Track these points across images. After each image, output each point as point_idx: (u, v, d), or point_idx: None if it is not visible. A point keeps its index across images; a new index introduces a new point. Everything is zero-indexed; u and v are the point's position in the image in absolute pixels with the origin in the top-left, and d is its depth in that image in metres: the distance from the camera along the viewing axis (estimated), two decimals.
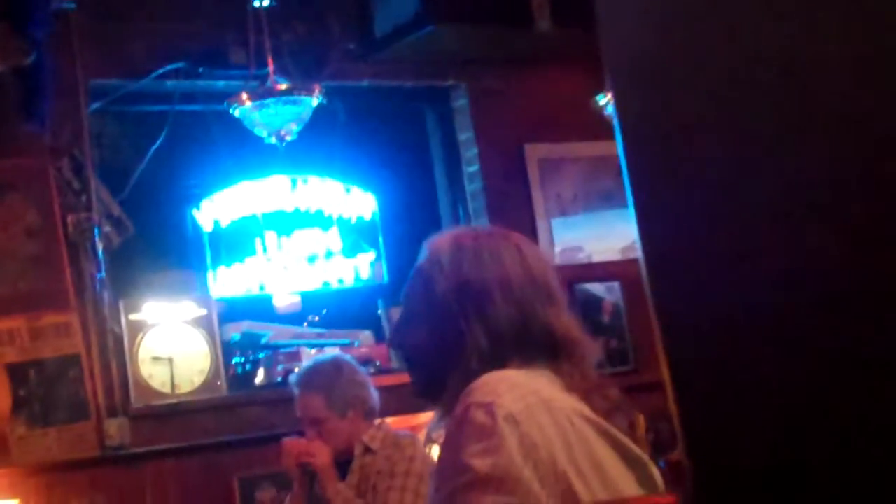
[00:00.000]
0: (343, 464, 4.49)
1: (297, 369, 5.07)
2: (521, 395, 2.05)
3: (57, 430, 5.51)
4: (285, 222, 6.26)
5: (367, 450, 4.49)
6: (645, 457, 2.16)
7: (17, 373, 5.52)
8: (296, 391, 4.59)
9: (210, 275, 6.15)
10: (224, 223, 6.17)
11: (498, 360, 2.18)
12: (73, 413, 5.56)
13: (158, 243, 6.26)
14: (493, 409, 2.00)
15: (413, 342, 2.39)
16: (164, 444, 5.69)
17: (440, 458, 2.14)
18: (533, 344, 2.22)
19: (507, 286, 2.25)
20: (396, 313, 5.83)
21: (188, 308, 6.01)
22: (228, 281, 6.15)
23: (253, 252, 6.20)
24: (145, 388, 5.80)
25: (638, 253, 0.93)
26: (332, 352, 5.59)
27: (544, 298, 2.27)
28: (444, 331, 2.27)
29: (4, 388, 5.48)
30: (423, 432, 4.43)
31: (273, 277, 6.21)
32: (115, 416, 5.63)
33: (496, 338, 2.21)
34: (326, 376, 4.56)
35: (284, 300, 6.34)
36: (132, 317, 5.87)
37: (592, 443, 2.07)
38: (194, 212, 6.20)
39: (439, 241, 2.38)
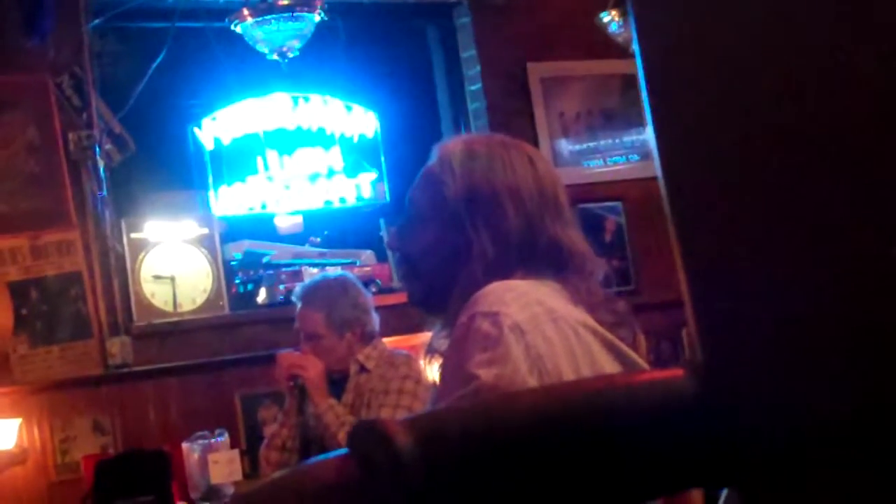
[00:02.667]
0: (338, 382, 4.50)
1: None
2: (527, 304, 2.03)
3: (59, 348, 5.53)
4: (287, 141, 6.24)
5: (363, 368, 4.50)
6: (648, 368, 2.15)
7: (18, 291, 5.52)
8: (298, 304, 4.59)
9: (211, 193, 6.13)
10: (225, 141, 6.15)
11: (502, 271, 2.15)
12: (76, 331, 5.57)
13: (160, 162, 6.23)
14: (499, 318, 1.99)
15: (416, 247, 2.35)
16: (166, 362, 5.71)
17: (444, 367, 2.12)
18: (539, 256, 2.19)
19: (518, 196, 2.22)
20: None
21: (190, 227, 6.00)
22: (230, 199, 6.13)
23: (254, 171, 6.18)
24: (147, 307, 5.81)
25: (656, 169, 0.90)
26: (334, 271, 5.59)
27: (553, 212, 2.24)
28: (451, 237, 2.24)
29: (6, 307, 5.49)
30: (422, 350, 4.43)
31: (274, 196, 6.19)
32: (117, 335, 5.64)
33: (503, 247, 2.18)
34: (330, 294, 4.55)
35: (286, 220, 6.32)
36: (134, 235, 5.86)
37: (596, 354, 2.06)
38: (195, 130, 6.17)
39: (451, 146, 2.34)
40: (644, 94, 0.92)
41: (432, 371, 2.30)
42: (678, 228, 0.86)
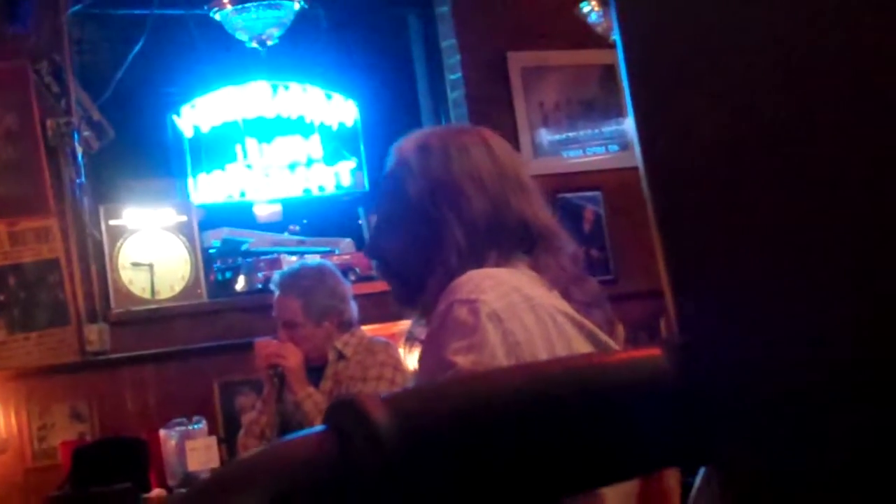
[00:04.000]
0: (317, 369, 4.50)
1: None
2: (505, 292, 2.03)
3: (37, 334, 5.51)
4: (266, 129, 6.23)
5: (341, 356, 4.50)
6: None
7: None
8: (275, 292, 4.58)
9: (190, 181, 6.11)
10: (204, 129, 6.13)
11: (476, 256, 2.16)
12: (53, 318, 5.56)
13: (139, 149, 6.22)
14: (477, 306, 1.99)
15: (390, 248, 2.35)
16: (144, 349, 5.70)
17: (422, 354, 2.12)
18: (509, 236, 2.20)
19: (479, 180, 2.22)
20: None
21: (168, 214, 5.99)
22: (209, 187, 6.12)
23: (233, 158, 6.17)
24: (125, 294, 5.80)
25: (636, 158, 0.91)
26: (313, 259, 5.59)
27: (516, 189, 2.25)
28: (421, 232, 2.24)
29: None
30: (401, 339, 4.43)
31: (253, 184, 6.18)
32: (95, 322, 5.63)
33: (473, 232, 2.19)
34: (308, 282, 4.55)
35: (265, 209, 6.32)
36: (112, 222, 5.85)
37: (574, 341, 2.06)
38: (174, 117, 6.16)
39: (405, 144, 2.34)
40: (625, 83, 0.93)
41: (412, 359, 2.31)
42: (658, 215, 0.87)
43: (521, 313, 2.01)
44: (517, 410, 0.79)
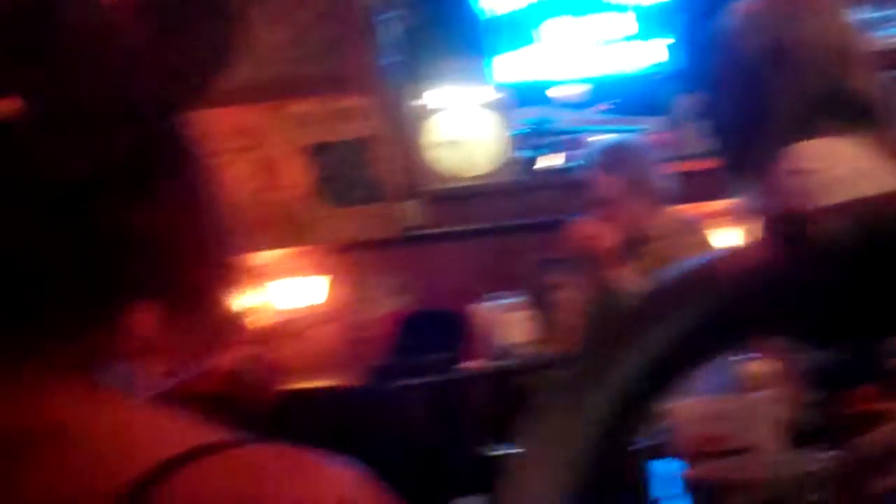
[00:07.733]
0: (630, 248, 4.45)
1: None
2: (840, 162, 1.97)
3: (355, 210, 5.65)
4: (580, 5, 6.17)
5: (653, 236, 4.43)
6: None
7: (315, 154, 5.65)
8: (593, 169, 4.51)
9: (498, 59, 6.11)
10: (513, 7, 6.11)
11: (808, 127, 2.09)
12: (369, 194, 5.69)
13: (447, 28, 6.24)
14: (815, 176, 1.94)
15: (721, 109, 2.30)
16: (454, 225, 5.77)
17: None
18: (844, 110, 2.12)
19: (812, 48, 2.14)
20: (689, 100, 5.72)
21: (477, 93, 6.02)
22: (515, 66, 6.11)
23: (540, 38, 6.14)
24: (435, 172, 5.88)
25: None
26: (627, 136, 5.52)
27: (853, 63, 2.16)
28: (753, 95, 2.18)
29: (307, 169, 5.63)
30: (709, 219, 4.35)
31: (562, 62, 6.14)
32: (409, 198, 5.72)
33: (806, 102, 2.12)
34: (624, 156, 4.48)
35: (573, 88, 6.29)
36: (422, 101, 5.92)
37: None
38: None
39: (742, 7, 2.27)
40: None
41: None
42: None
43: (860, 185, 1.95)
44: None
